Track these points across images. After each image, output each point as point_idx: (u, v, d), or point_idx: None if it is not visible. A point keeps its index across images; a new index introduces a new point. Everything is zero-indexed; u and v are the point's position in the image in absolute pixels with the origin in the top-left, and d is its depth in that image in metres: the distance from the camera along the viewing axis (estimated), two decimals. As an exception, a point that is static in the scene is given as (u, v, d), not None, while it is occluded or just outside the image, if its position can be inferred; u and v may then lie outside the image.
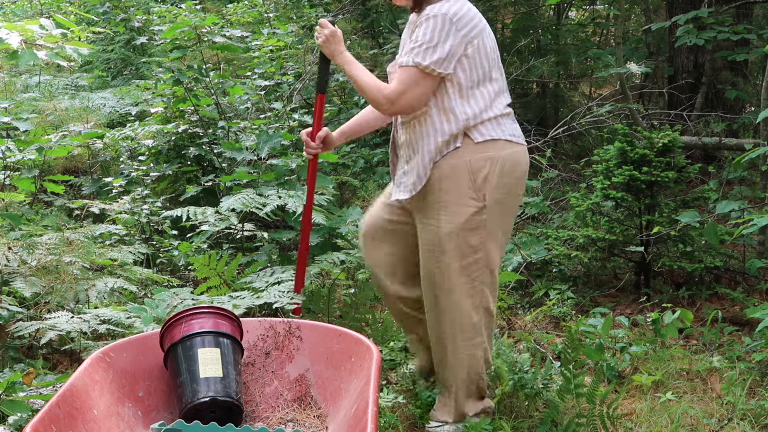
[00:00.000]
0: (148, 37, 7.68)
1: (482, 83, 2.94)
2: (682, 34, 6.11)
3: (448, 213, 2.92)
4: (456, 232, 2.92)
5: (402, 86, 2.88)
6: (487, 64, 2.94)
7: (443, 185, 2.92)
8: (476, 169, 2.91)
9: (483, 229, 2.94)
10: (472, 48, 2.89)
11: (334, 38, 3.06)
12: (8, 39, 3.45)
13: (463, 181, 2.91)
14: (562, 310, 4.48)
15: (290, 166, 4.55)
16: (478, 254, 2.96)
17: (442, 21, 2.84)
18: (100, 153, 5.56)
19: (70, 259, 3.52)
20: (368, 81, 2.95)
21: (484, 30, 2.95)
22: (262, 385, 2.63)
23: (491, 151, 2.92)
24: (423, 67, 2.85)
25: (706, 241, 4.75)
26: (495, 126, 2.95)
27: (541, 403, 3.31)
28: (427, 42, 2.84)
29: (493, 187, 2.92)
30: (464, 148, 2.91)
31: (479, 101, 2.93)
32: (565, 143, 7.43)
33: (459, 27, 2.86)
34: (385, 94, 2.90)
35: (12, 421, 2.78)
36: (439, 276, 2.98)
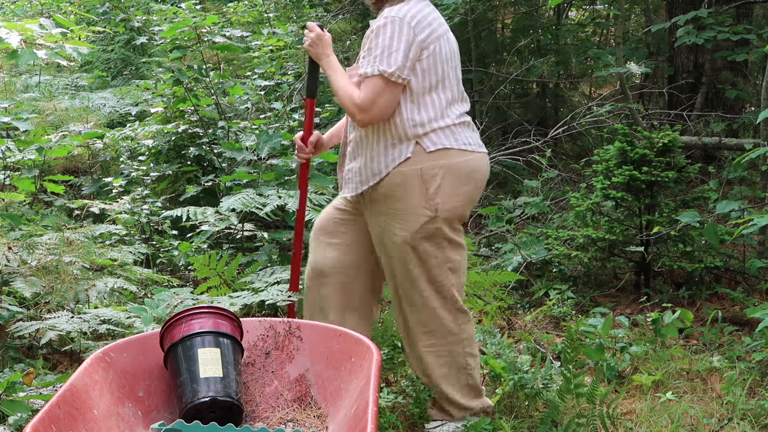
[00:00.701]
0: (148, 37, 7.68)
1: (434, 90, 2.91)
2: (682, 34, 6.11)
3: (401, 221, 2.93)
4: (410, 241, 2.93)
5: (371, 95, 2.85)
6: (441, 70, 2.91)
7: (396, 194, 2.92)
8: (428, 178, 2.90)
9: (438, 235, 2.95)
10: (427, 53, 2.87)
11: (321, 41, 3.02)
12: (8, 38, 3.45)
13: (415, 191, 2.90)
14: (562, 310, 4.48)
15: (290, 166, 4.56)
16: (438, 259, 2.97)
17: (399, 25, 2.82)
18: (100, 153, 5.56)
19: (70, 259, 3.52)
20: (344, 89, 2.92)
21: (442, 35, 2.92)
22: (262, 385, 2.63)
23: (444, 160, 2.91)
24: (388, 75, 2.82)
25: (706, 241, 4.75)
26: (448, 135, 2.93)
27: (541, 403, 3.31)
28: (387, 48, 2.82)
29: (447, 196, 2.92)
30: (416, 157, 2.90)
31: (429, 109, 2.91)
32: (565, 143, 7.44)
33: (417, 31, 2.84)
34: (357, 103, 2.87)
35: (12, 421, 2.78)
36: (403, 283, 3.01)
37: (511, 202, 6.07)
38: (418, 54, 2.85)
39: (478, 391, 3.12)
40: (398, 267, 2.99)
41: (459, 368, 3.07)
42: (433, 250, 2.96)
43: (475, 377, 3.11)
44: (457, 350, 3.06)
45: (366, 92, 2.85)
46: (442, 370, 3.07)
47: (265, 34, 6.11)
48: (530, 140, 6.33)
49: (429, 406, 3.14)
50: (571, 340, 3.26)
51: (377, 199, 2.97)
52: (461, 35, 7.47)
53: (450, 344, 3.05)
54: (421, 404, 3.13)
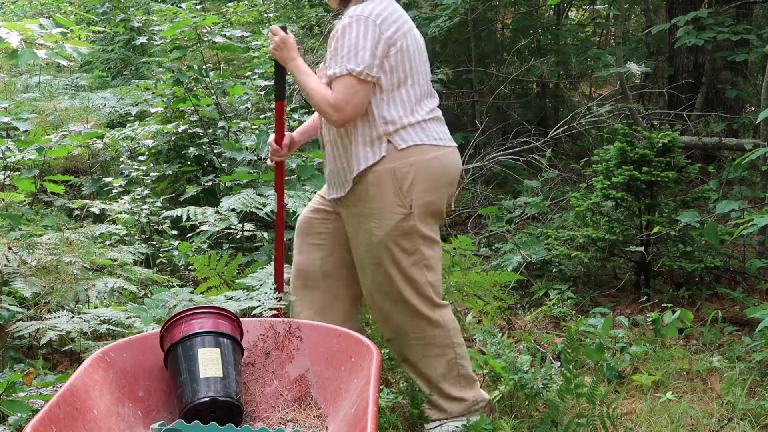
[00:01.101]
0: (148, 37, 7.68)
1: (403, 85, 2.92)
2: (682, 35, 6.12)
3: (376, 220, 2.94)
4: (387, 239, 2.94)
5: (343, 95, 2.84)
6: (409, 65, 2.92)
7: (370, 193, 2.93)
8: (401, 176, 2.91)
9: (414, 233, 2.95)
10: (394, 49, 2.87)
11: (285, 45, 3.00)
12: (8, 38, 3.45)
13: (389, 189, 2.91)
14: (562, 310, 4.48)
15: (290, 166, 4.56)
16: (415, 256, 2.98)
17: (365, 24, 2.82)
18: (100, 153, 5.56)
19: (70, 259, 3.52)
20: (317, 91, 2.91)
21: (408, 32, 2.92)
22: (262, 385, 2.63)
23: (415, 156, 2.91)
24: (357, 74, 2.82)
25: (706, 241, 4.75)
26: (418, 131, 2.93)
27: (541, 403, 3.31)
28: (354, 47, 2.82)
29: (420, 192, 2.93)
30: (389, 155, 2.91)
31: (398, 106, 2.92)
32: (565, 143, 7.44)
33: (383, 29, 2.84)
34: (331, 104, 2.86)
35: (12, 421, 2.78)
36: (379, 282, 3.01)
37: (511, 202, 6.07)
38: (386, 51, 2.86)
39: (472, 380, 3.13)
40: (375, 268, 2.99)
41: (448, 360, 3.08)
42: (409, 248, 2.97)
43: (466, 366, 3.12)
44: (444, 342, 3.07)
45: (338, 92, 2.85)
46: (431, 365, 3.08)
47: (265, 34, 6.11)
48: (530, 140, 6.33)
49: (426, 406, 3.14)
50: (571, 340, 3.26)
51: (352, 200, 2.99)
52: (461, 35, 7.49)
53: (435, 338, 3.06)
54: (418, 405, 3.13)
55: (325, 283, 3.18)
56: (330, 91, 2.88)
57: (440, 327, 3.06)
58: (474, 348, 3.91)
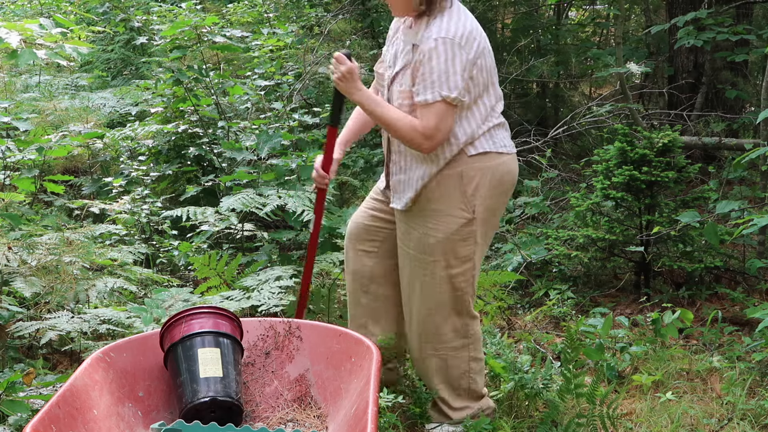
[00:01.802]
0: (148, 37, 7.68)
1: (479, 98, 2.89)
2: (682, 35, 6.11)
3: (437, 222, 2.92)
4: (445, 242, 2.92)
5: (436, 122, 2.79)
6: (486, 79, 2.90)
7: (434, 195, 2.91)
8: (467, 180, 2.90)
9: (472, 239, 2.94)
10: (476, 69, 2.84)
11: (351, 76, 2.86)
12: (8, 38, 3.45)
13: (455, 192, 2.90)
14: (562, 310, 4.48)
15: (290, 166, 4.55)
16: (467, 265, 2.96)
17: (451, 47, 2.76)
18: (100, 153, 5.56)
19: (70, 259, 3.52)
20: (399, 121, 2.83)
21: (485, 44, 2.89)
22: (262, 385, 2.63)
23: (483, 162, 2.91)
24: (451, 100, 2.79)
25: (706, 241, 4.75)
26: (488, 139, 2.92)
27: (541, 403, 3.31)
28: (444, 72, 2.77)
29: (483, 197, 2.92)
30: (457, 160, 2.90)
31: (476, 117, 2.90)
32: (565, 143, 7.43)
33: (467, 50, 2.79)
34: (422, 132, 2.80)
35: (12, 421, 2.78)
36: (423, 283, 2.99)
37: (511, 202, 6.07)
38: (471, 72, 2.82)
39: (479, 395, 3.12)
40: (423, 269, 2.96)
41: (462, 373, 3.07)
42: (463, 255, 2.94)
43: (478, 381, 3.11)
44: (463, 355, 3.06)
45: (429, 119, 2.79)
46: (444, 375, 3.07)
47: (265, 34, 6.11)
48: (530, 140, 6.33)
49: (430, 407, 3.14)
50: (571, 340, 3.26)
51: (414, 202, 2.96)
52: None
53: (457, 349, 3.05)
54: (422, 404, 3.13)
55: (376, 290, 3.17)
56: (413, 119, 2.83)
57: (466, 338, 3.05)
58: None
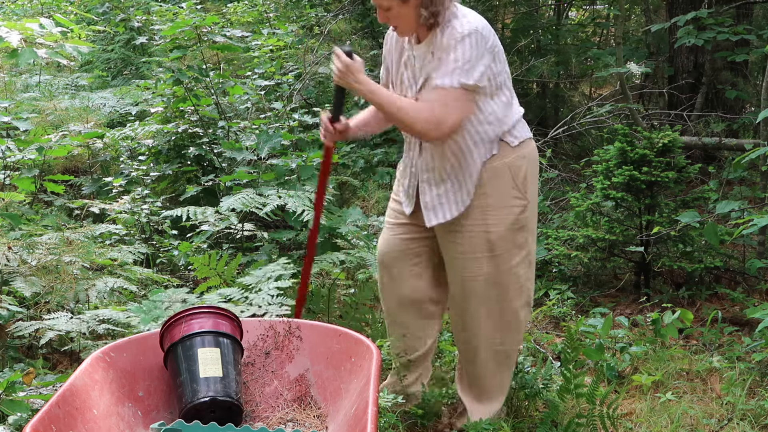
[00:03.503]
0: (148, 37, 7.68)
1: (501, 89, 2.92)
2: (682, 35, 6.11)
3: (495, 215, 2.92)
4: (506, 234, 2.93)
5: (449, 109, 2.79)
6: (504, 68, 2.94)
7: (486, 189, 2.91)
8: (516, 169, 2.93)
9: (526, 226, 2.97)
10: (494, 55, 2.87)
11: (349, 70, 2.83)
12: (8, 38, 3.45)
13: (507, 182, 2.92)
14: (562, 310, 4.48)
15: (290, 166, 4.55)
16: (524, 251, 2.98)
17: (476, 38, 2.78)
18: (100, 153, 5.56)
19: (70, 259, 3.52)
20: (408, 108, 2.82)
21: (497, 39, 2.94)
22: (262, 385, 2.63)
23: (524, 150, 2.96)
24: (470, 87, 2.79)
25: (706, 241, 4.75)
26: (521, 126, 2.99)
27: (541, 403, 3.31)
28: (467, 61, 2.78)
29: (531, 182, 2.97)
30: (502, 152, 2.91)
31: (506, 105, 2.93)
32: (565, 143, 7.43)
33: (487, 39, 2.83)
34: (431, 118, 2.78)
35: (12, 421, 2.78)
36: (490, 282, 2.97)
37: (511, 202, 6.06)
38: (492, 59, 2.85)
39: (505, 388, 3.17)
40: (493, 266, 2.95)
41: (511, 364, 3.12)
42: (523, 242, 2.97)
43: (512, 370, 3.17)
44: (515, 347, 3.10)
45: (443, 105, 2.79)
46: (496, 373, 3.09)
47: (265, 34, 6.11)
48: (530, 140, 6.31)
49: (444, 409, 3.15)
50: (571, 341, 3.26)
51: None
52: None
53: (515, 342, 3.09)
54: (431, 407, 3.13)
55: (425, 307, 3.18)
56: (418, 105, 2.82)
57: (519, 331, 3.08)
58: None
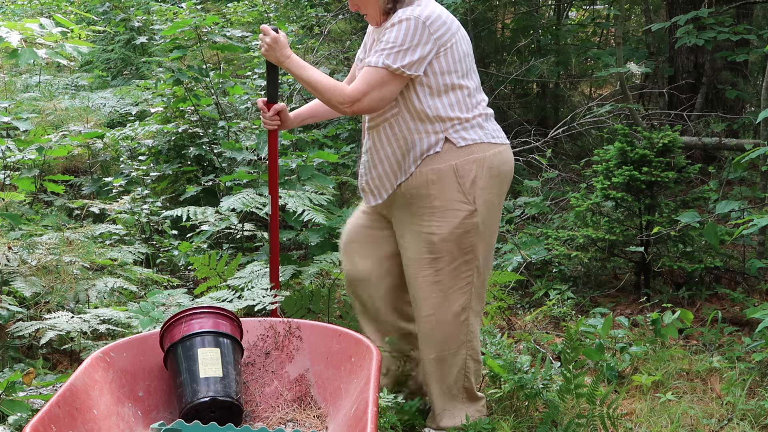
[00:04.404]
0: (148, 37, 7.68)
1: (457, 85, 2.91)
2: (682, 34, 6.11)
3: (439, 219, 2.92)
4: (449, 237, 2.92)
5: (366, 86, 2.84)
6: (461, 67, 2.92)
7: (431, 191, 2.91)
8: (463, 173, 2.90)
9: (474, 231, 2.94)
10: (444, 50, 2.87)
11: (277, 44, 2.95)
12: (8, 38, 3.45)
13: (452, 186, 2.90)
14: (562, 310, 4.48)
15: (290, 166, 4.55)
16: (468, 256, 2.96)
17: (414, 24, 2.82)
18: (100, 153, 5.56)
19: (70, 259, 3.52)
20: (325, 82, 2.90)
21: (457, 33, 2.93)
22: (262, 385, 2.63)
23: (476, 153, 2.92)
24: (393, 69, 2.81)
25: (706, 242, 4.75)
26: (476, 128, 2.94)
27: (541, 403, 3.31)
28: (399, 45, 2.81)
29: (482, 188, 2.92)
30: (447, 152, 2.90)
31: (454, 105, 2.91)
32: (565, 143, 7.44)
33: (432, 30, 2.83)
34: (347, 93, 2.85)
35: (12, 421, 2.78)
36: (429, 283, 2.98)
37: (511, 202, 6.07)
38: (435, 52, 2.85)
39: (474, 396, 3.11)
40: (434, 268, 2.96)
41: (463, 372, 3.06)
42: (469, 246, 2.95)
43: (472, 381, 3.10)
44: (462, 353, 3.05)
45: (362, 82, 2.84)
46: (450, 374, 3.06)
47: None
48: (530, 140, 6.33)
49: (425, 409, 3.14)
50: (571, 341, 3.26)
51: (409, 200, 2.96)
52: (461, 35, 7.47)
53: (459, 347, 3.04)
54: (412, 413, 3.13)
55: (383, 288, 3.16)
56: (341, 84, 2.89)
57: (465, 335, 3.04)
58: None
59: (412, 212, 2.96)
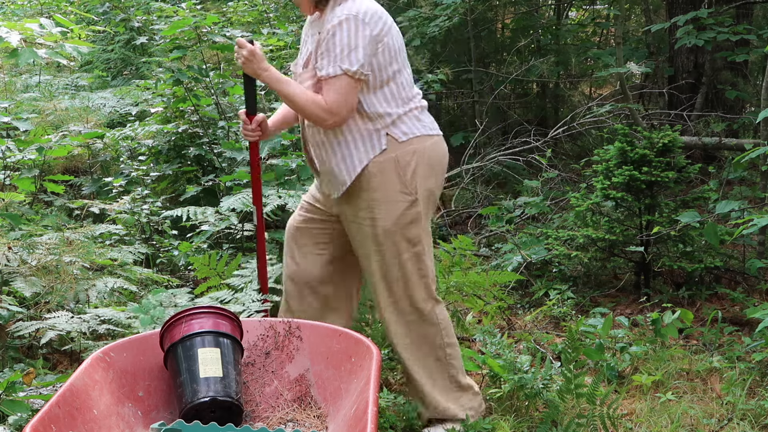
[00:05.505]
0: (148, 37, 7.67)
1: (392, 80, 2.93)
2: (681, 35, 6.12)
3: (381, 210, 2.94)
4: (393, 229, 2.95)
5: (339, 96, 2.84)
6: (395, 62, 2.93)
7: (372, 184, 2.93)
8: (404, 164, 2.93)
9: (418, 221, 2.97)
10: (381, 46, 2.88)
11: (255, 57, 2.94)
12: (8, 38, 3.45)
13: (393, 177, 2.93)
14: (562, 310, 4.48)
15: (290, 166, 4.56)
16: (417, 247, 2.99)
17: (355, 23, 2.82)
18: (100, 153, 5.56)
19: (70, 259, 3.52)
20: (302, 97, 2.89)
21: (391, 27, 2.94)
22: (262, 385, 2.63)
23: (415, 145, 2.95)
24: (352, 73, 2.83)
25: (706, 241, 4.75)
26: (414, 121, 2.97)
27: (541, 403, 3.31)
28: (347, 46, 2.82)
29: (422, 178, 2.96)
30: (390, 147, 2.93)
31: (390, 100, 2.93)
32: (565, 143, 7.44)
33: (371, 26, 2.85)
34: (325, 107, 2.85)
35: (12, 421, 2.78)
36: (382, 276, 3.00)
37: (511, 202, 6.07)
38: (375, 49, 2.87)
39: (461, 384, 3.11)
40: (381, 260, 2.99)
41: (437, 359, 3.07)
42: (412, 237, 2.97)
43: (457, 367, 3.10)
44: (437, 342, 3.06)
45: (333, 94, 2.84)
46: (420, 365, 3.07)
47: (265, 34, 6.10)
48: (530, 140, 6.33)
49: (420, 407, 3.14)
50: (572, 340, 3.26)
51: (353, 194, 2.98)
52: (461, 35, 7.50)
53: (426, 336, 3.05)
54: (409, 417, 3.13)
55: (323, 291, 3.18)
56: (316, 95, 2.87)
57: (434, 324, 3.06)
58: (474, 348, 3.91)
59: (358, 206, 2.98)
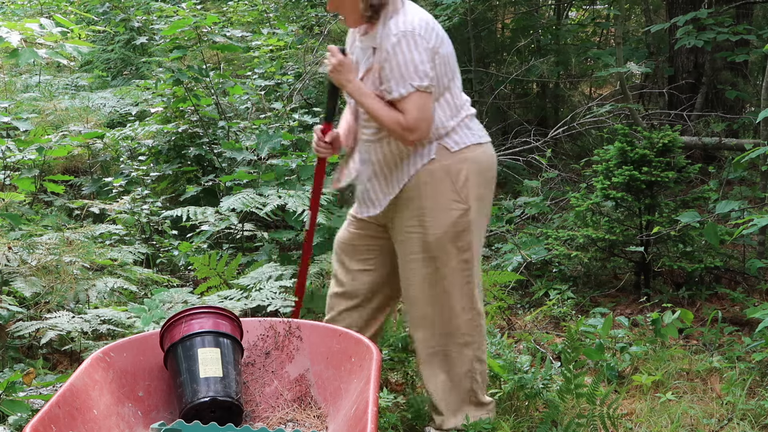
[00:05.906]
0: (148, 37, 7.68)
1: (447, 90, 2.92)
2: (681, 35, 6.11)
3: (433, 218, 2.92)
4: (444, 237, 2.93)
5: (417, 113, 2.83)
6: (450, 71, 2.93)
7: (423, 192, 2.92)
8: (455, 172, 2.92)
9: (469, 229, 2.95)
10: (438, 58, 2.87)
11: (344, 67, 2.92)
12: (8, 38, 3.45)
13: (445, 186, 2.92)
14: (562, 310, 4.48)
15: (290, 166, 4.56)
16: (466, 255, 2.97)
17: (412, 39, 2.81)
18: (100, 153, 5.56)
19: (70, 259, 3.52)
20: (385, 112, 2.87)
21: (443, 36, 2.93)
22: (262, 385, 2.63)
23: (466, 154, 2.94)
24: (424, 88, 2.82)
25: (706, 241, 4.75)
26: (465, 131, 2.95)
27: (541, 403, 3.31)
28: (411, 63, 2.80)
29: (474, 186, 2.95)
30: (440, 157, 2.91)
31: (446, 109, 2.92)
32: (565, 143, 7.44)
33: (427, 39, 2.83)
34: (405, 125, 2.84)
35: (12, 421, 2.78)
36: (428, 283, 2.97)
37: (511, 202, 6.07)
38: (433, 61, 2.85)
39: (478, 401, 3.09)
40: (426, 267, 2.96)
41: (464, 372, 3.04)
42: (465, 244, 2.95)
43: (480, 382, 3.07)
44: (468, 354, 3.03)
45: (411, 112, 2.83)
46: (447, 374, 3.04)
47: (265, 34, 6.11)
48: (530, 140, 6.33)
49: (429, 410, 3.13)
50: (571, 340, 3.26)
51: (403, 204, 2.96)
52: (461, 35, 7.49)
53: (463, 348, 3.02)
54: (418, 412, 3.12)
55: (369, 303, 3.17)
56: (398, 113, 2.85)
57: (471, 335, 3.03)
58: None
59: (408, 216, 2.96)
